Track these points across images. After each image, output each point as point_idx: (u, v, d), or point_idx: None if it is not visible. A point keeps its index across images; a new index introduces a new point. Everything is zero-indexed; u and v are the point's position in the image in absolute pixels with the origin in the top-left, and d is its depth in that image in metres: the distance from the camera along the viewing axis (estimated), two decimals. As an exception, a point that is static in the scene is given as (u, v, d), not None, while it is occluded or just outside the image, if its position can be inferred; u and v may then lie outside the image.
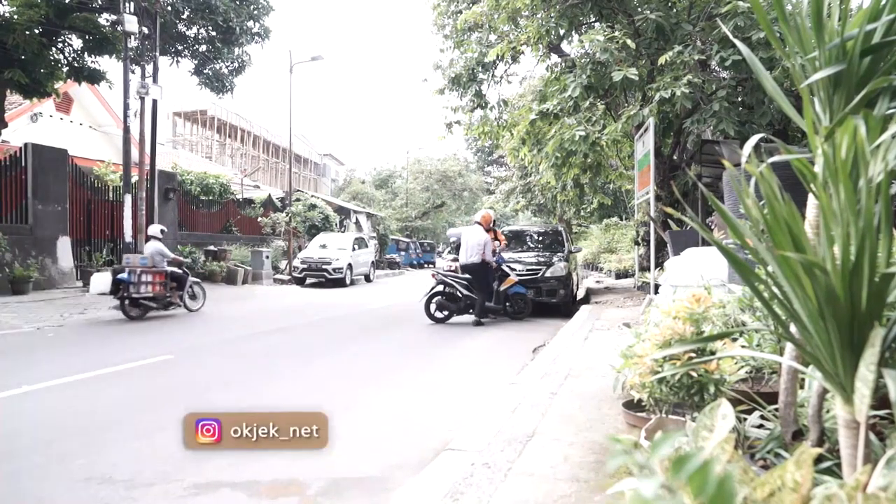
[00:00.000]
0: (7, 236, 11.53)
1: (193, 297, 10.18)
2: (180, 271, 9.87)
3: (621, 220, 24.37)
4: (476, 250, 8.88)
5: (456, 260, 11.57)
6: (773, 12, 1.69)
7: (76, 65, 12.85)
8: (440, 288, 9.16)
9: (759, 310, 2.83)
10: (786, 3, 1.62)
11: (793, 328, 1.48)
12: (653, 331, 2.59)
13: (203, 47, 15.36)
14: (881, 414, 1.77)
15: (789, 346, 1.74)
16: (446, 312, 9.14)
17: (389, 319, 9.92)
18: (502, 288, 9.24)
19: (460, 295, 9.06)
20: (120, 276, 8.86)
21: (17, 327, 7.95)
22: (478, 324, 8.83)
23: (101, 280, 9.57)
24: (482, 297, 8.91)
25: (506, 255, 10.04)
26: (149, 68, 13.41)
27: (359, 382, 5.15)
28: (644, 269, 10.79)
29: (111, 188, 15.28)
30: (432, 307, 9.16)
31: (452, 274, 9.25)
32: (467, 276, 9.03)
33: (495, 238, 9.80)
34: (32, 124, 18.50)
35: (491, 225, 9.85)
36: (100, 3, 12.81)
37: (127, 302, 8.88)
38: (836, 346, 1.28)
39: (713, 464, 0.77)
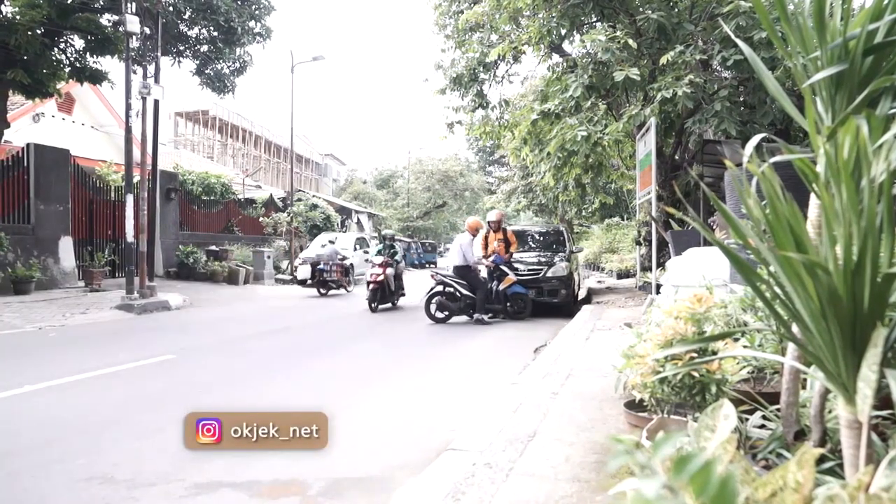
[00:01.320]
0: (9, 236, 11.54)
1: (349, 283, 14.96)
2: (345, 265, 14.67)
3: (623, 220, 24.37)
4: (458, 254, 9.42)
5: (389, 264, 11.85)
6: (775, 12, 1.69)
7: (78, 65, 12.86)
8: (440, 288, 9.22)
9: (761, 310, 2.82)
10: (788, 3, 1.62)
11: (795, 328, 1.47)
12: (654, 331, 2.59)
13: (205, 47, 15.36)
14: (883, 414, 1.77)
15: (791, 347, 1.73)
16: (446, 312, 9.19)
17: (391, 319, 9.92)
18: (501, 287, 9.30)
19: (460, 295, 9.12)
20: (319, 266, 14.03)
21: (18, 327, 7.97)
22: (480, 322, 8.90)
23: (305, 270, 15.03)
24: (480, 296, 9.06)
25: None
26: (150, 68, 13.42)
27: (360, 382, 5.16)
28: (645, 269, 10.77)
29: (113, 188, 15.29)
30: (432, 307, 9.22)
31: (451, 276, 9.33)
32: (458, 277, 9.32)
33: (505, 238, 9.84)
34: (34, 124, 18.53)
35: (498, 227, 9.93)
36: (102, 3, 12.82)
37: (320, 283, 13.97)
38: (838, 346, 1.28)
39: (715, 464, 0.77)
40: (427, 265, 33.52)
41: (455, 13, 12.80)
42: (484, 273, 9.53)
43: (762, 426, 2.02)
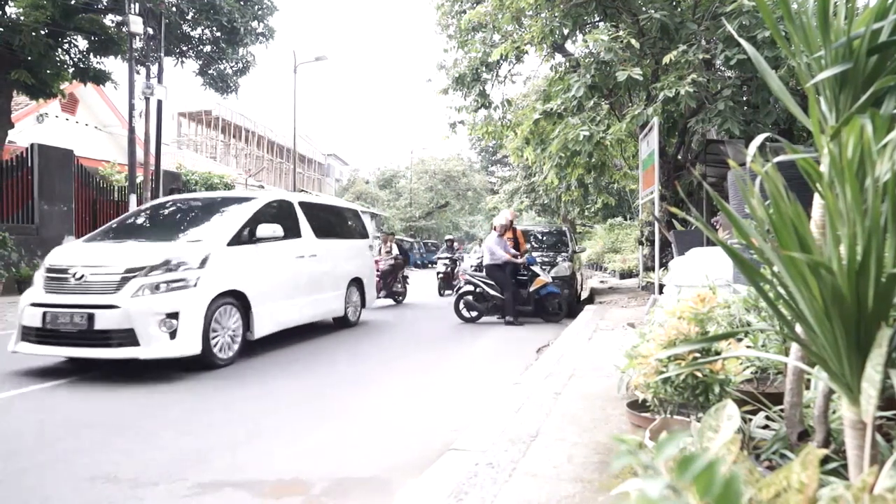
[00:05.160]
0: (13, 236, 11.59)
1: None
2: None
3: (625, 219, 24.37)
4: (486, 253, 9.44)
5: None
6: (779, 11, 1.69)
7: (82, 65, 12.90)
8: (469, 288, 9.31)
9: (765, 310, 2.82)
10: (791, 2, 1.61)
11: (798, 328, 1.47)
12: (657, 331, 2.58)
13: (207, 48, 15.38)
14: (888, 415, 1.76)
15: (795, 347, 1.73)
16: (475, 312, 9.26)
17: (393, 319, 9.92)
18: (532, 289, 9.25)
19: (488, 296, 9.17)
20: None
21: (23, 327, 7.97)
22: (510, 324, 8.92)
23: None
24: (508, 297, 9.04)
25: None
26: (154, 69, 13.48)
27: (362, 382, 5.16)
28: (648, 269, 10.76)
29: (116, 188, 15.34)
30: (461, 306, 9.32)
31: (480, 275, 9.38)
32: (487, 277, 9.35)
33: (515, 238, 9.84)
34: (38, 125, 18.58)
35: (509, 227, 9.96)
36: (105, 4, 12.86)
37: None
38: (842, 346, 1.28)
39: (719, 464, 0.77)
40: (429, 265, 33.53)
41: (458, 13, 12.80)
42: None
43: (766, 427, 2.01)
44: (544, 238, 12.36)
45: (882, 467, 1.15)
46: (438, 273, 14.35)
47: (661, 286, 7.16)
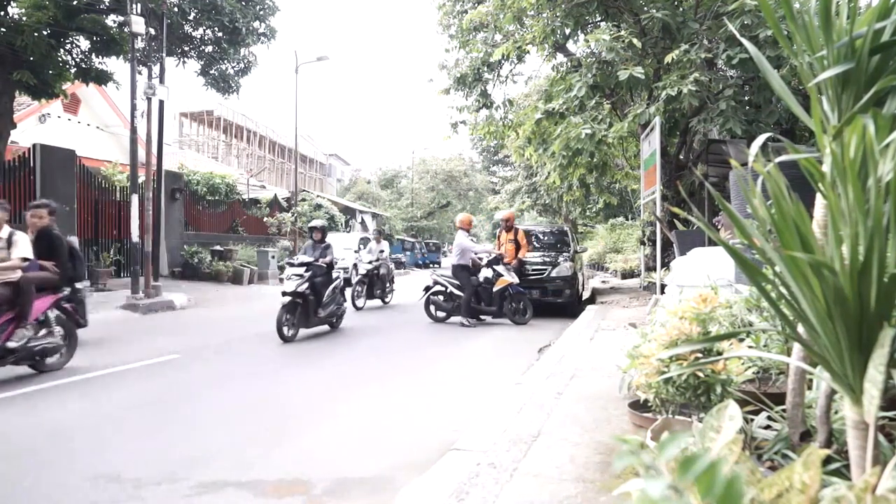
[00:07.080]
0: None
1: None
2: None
3: (627, 219, 24.32)
4: (455, 252, 9.41)
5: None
6: (781, 10, 1.68)
7: (84, 66, 12.90)
8: (437, 288, 9.30)
9: (767, 310, 2.81)
10: (794, 1, 1.61)
11: (800, 328, 1.47)
12: (659, 331, 2.58)
13: (209, 48, 15.39)
14: (890, 415, 1.76)
15: (797, 347, 1.73)
16: (444, 313, 9.28)
17: (394, 319, 9.93)
18: (496, 289, 9.05)
19: (455, 295, 9.18)
20: None
21: (25, 327, 7.99)
22: (462, 324, 8.87)
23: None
24: (465, 297, 8.97)
25: None
26: (155, 69, 13.47)
27: (364, 382, 5.16)
28: (650, 269, 10.76)
29: (118, 188, 15.35)
30: (431, 307, 9.36)
31: (446, 276, 9.37)
32: (452, 277, 9.36)
33: (516, 240, 9.79)
34: (41, 125, 18.62)
35: (509, 227, 9.99)
36: (107, 4, 12.87)
37: None
38: (844, 346, 1.27)
39: (721, 465, 0.77)
40: (431, 265, 33.56)
41: (459, 13, 12.80)
42: (488, 273, 9.26)
43: (768, 427, 2.01)
44: (545, 238, 12.35)
45: (884, 468, 1.14)
46: (284, 294, 7.28)
47: (663, 286, 7.15)
